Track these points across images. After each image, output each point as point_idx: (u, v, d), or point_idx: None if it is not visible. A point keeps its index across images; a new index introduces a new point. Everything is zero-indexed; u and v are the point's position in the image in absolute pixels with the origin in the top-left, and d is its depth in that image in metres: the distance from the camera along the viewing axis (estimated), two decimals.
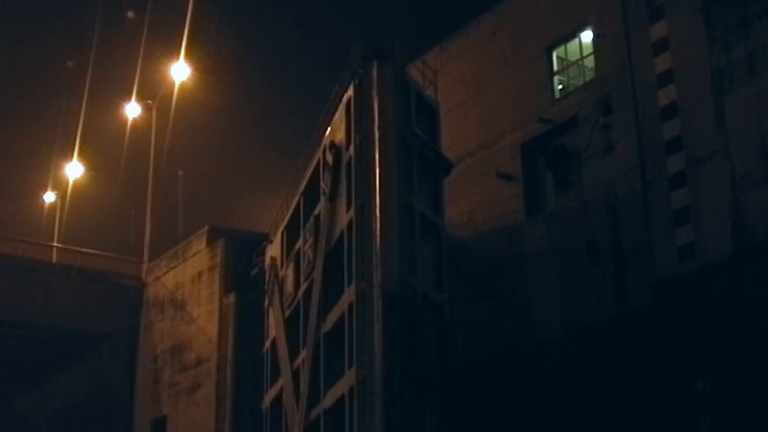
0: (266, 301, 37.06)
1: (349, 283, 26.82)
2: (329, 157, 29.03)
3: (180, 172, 59.16)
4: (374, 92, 27.02)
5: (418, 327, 25.65)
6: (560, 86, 33.17)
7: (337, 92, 29.67)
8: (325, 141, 29.94)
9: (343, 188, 28.15)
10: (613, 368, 27.79)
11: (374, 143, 26.43)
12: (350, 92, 28.01)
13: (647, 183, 28.31)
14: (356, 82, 27.62)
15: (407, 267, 25.85)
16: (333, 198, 28.96)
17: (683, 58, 27.82)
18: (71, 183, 56.10)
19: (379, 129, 26.60)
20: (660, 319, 27.09)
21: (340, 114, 28.97)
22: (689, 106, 27.46)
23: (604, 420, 27.70)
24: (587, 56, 32.16)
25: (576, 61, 32.63)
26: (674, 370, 26.16)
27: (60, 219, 55.36)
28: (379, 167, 26.26)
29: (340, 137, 28.66)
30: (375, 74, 27.21)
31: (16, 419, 53.71)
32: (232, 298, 40.68)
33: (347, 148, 27.95)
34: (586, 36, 32.15)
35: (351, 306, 26.37)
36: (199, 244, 43.68)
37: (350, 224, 27.08)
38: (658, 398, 26.46)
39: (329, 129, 30.22)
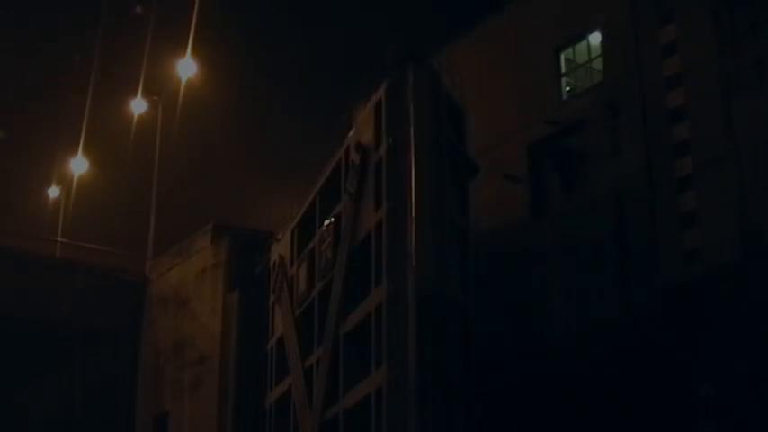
0: (271, 299, 36.77)
1: (376, 284, 26.82)
2: (355, 158, 28.91)
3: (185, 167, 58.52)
4: (409, 94, 27.01)
5: (448, 328, 25.78)
6: (568, 88, 33.35)
7: (364, 93, 29.64)
8: (350, 142, 29.86)
9: (369, 189, 28.08)
10: (618, 371, 27.96)
11: (409, 145, 26.47)
12: (380, 93, 28.00)
13: (653, 186, 28.65)
14: (389, 83, 27.60)
15: (440, 270, 25.96)
16: (358, 198, 28.85)
17: (692, 62, 28.20)
18: (76, 178, 55.49)
19: (414, 131, 26.62)
20: (665, 323, 27.37)
21: (368, 115, 28.92)
22: (697, 110, 27.85)
23: (608, 423, 27.86)
24: (595, 58, 32.37)
25: (584, 63, 32.85)
26: (679, 374, 26.50)
27: (64, 214, 54.70)
28: (414, 170, 26.28)
29: (367, 138, 28.57)
30: (411, 77, 27.21)
31: (18, 415, 53.15)
32: (235, 296, 40.43)
33: (376, 149, 27.92)
34: (595, 38, 32.37)
35: (379, 307, 26.39)
36: (203, 241, 43.36)
37: (378, 225, 27.07)
38: (663, 402, 26.72)
39: (354, 129, 30.13)
